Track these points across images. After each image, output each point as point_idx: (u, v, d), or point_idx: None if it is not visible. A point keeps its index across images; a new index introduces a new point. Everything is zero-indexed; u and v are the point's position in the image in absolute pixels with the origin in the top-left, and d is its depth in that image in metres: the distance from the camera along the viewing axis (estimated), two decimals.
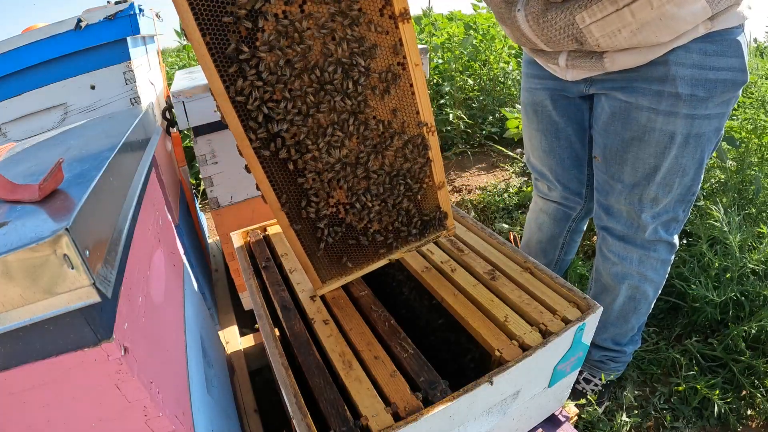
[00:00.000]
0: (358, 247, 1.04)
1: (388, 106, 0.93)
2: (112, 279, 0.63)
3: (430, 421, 0.79)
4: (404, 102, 0.95)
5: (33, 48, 1.28)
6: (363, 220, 1.00)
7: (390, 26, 0.86)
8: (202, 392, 1.03)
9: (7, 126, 1.37)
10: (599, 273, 1.46)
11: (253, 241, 1.34)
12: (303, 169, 0.90)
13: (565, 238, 1.74)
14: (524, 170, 3.19)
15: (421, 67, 0.93)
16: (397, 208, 1.03)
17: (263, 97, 0.81)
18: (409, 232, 1.06)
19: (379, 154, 0.96)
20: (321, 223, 0.96)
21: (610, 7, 0.97)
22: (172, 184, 1.72)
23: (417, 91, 0.94)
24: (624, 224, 1.31)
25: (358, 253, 1.05)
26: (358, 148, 0.93)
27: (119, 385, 0.63)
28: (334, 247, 1.01)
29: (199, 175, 1.79)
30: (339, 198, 0.96)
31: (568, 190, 1.58)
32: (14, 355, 0.57)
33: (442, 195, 1.07)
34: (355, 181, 0.96)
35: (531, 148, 1.59)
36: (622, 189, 1.26)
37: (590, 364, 1.56)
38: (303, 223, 0.95)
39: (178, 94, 1.47)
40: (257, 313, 1.06)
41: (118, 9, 1.32)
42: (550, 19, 1.05)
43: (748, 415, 1.49)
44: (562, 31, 1.06)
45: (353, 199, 0.97)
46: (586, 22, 1.01)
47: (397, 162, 0.99)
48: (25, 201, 0.62)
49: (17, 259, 0.50)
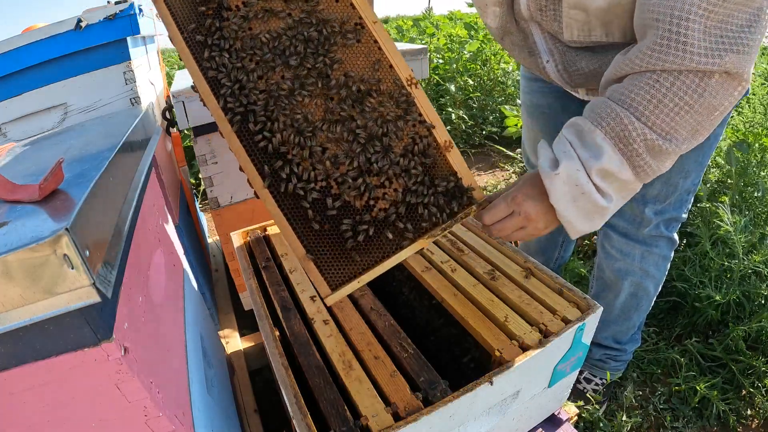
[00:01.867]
0: (363, 235, 0.89)
1: (356, 63, 0.93)
2: (112, 279, 0.63)
3: (430, 421, 0.79)
4: (371, 57, 0.93)
5: (33, 48, 1.28)
6: (363, 195, 0.88)
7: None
8: (202, 392, 1.03)
9: (7, 126, 1.36)
10: (601, 270, 1.47)
11: (253, 241, 1.34)
12: (280, 135, 0.88)
13: (565, 236, 1.73)
14: (524, 170, 3.19)
15: (380, 24, 0.94)
16: (399, 177, 0.89)
17: (229, 63, 0.89)
18: (424, 210, 0.89)
19: (360, 113, 0.91)
20: (307, 200, 0.86)
21: None
22: (172, 184, 1.72)
23: (383, 46, 0.93)
24: (627, 220, 1.32)
25: (367, 243, 0.90)
26: (331, 106, 0.90)
27: (119, 385, 0.63)
28: (333, 235, 0.88)
29: (199, 175, 1.79)
30: (327, 168, 0.88)
31: None
32: (14, 355, 0.57)
33: (453, 158, 0.92)
34: (341, 146, 0.89)
35: (533, 149, 1.57)
36: None
37: (591, 364, 1.56)
38: (289, 202, 0.87)
39: (178, 94, 1.47)
40: (257, 313, 1.06)
41: (118, 9, 1.32)
42: (582, 68, 1.05)
43: (747, 415, 1.49)
44: (590, 78, 1.06)
45: (345, 166, 0.88)
46: None
47: (384, 122, 0.90)
48: (25, 201, 0.62)
49: (17, 259, 0.50)
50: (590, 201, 0.81)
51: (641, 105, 0.78)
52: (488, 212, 0.89)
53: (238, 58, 0.90)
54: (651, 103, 0.77)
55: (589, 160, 0.80)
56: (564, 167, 0.81)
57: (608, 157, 0.79)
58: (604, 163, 0.79)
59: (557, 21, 0.97)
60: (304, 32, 0.92)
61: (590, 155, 0.81)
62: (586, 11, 0.91)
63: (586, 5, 0.90)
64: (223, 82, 0.89)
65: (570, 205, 0.82)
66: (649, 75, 0.77)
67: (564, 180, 0.81)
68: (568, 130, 0.86)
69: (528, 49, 1.13)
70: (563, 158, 0.82)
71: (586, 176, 0.81)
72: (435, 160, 0.92)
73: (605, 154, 0.79)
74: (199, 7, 0.93)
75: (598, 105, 0.83)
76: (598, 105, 0.83)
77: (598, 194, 0.81)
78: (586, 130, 0.82)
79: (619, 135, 0.79)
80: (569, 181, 0.81)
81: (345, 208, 0.88)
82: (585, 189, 0.81)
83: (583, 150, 0.82)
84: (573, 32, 0.97)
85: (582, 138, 0.83)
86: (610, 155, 0.79)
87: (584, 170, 0.81)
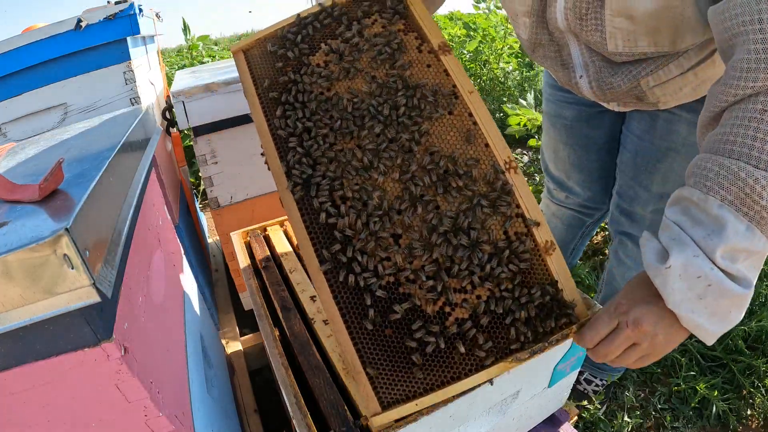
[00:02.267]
0: (432, 347, 0.71)
1: (447, 140, 0.80)
2: (112, 279, 0.63)
3: (430, 421, 0.78)
4: (464, 132, 0.82)
5: (33, 48, 1.28)
6: (438, 299, 0.71)
7: (432, 60, 0.86)
8: (202, 392, 1.03)
9: (7, 126, 1.37)
10: (612, 276, 1.43)
11: (253, 241, 1.34)
12: (347, 219, 0.76)
13: (577, 243, 1.69)
14: (524, 170, 3.19)
15: (477, 94, 0.83)
16: (485, 281, 0.72)
17: (301, 126, 0.83)
18: (511, 327, 0.71)
19: (445, 197, 0.77)
20: (369, 296, 0.72)
21: (676, 71, 0.94)
22: (172, 184, 1.72)
23: (480, 120, 0.81)
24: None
25: (433, 358, 0.71)
26: (410, 186, 0.77)
27: (119, 385, 0.63)
28: (393, 343, 0.71)
29: (199, 174, 1.79)
30: (397, 261, 0.73)
31: (591, 200, 1.53)
32: (14, 355, 0.57)
33: (554, 263, 0.75)
34: (417, 235, 0.74)
35: (555, 159, 1.52)
36: (648, 198, 1.22)
37: (591, 365, 1.56)
38: (347, 295, 0.74)
39: (178, 94, 1.47)
40: (257, 313, 1.06)
41: (118, 9, 1.32)
42: (614, 84, 1.01)
43: (747, 415, 1.49)
44: (625, 94, 1.03)
45: (420, 261, 0.72)
46: (650, 85, 0.98)
47: (473, 211, 0.75)
48: (25, 201, 0.62)
49: (17, 259, 0.50)
50: (721, 293, 0.62)
51: (756, 147, 0.60)
52: (589, 329, 0.71)
53: (312, 120, 0.83)
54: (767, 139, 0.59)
55: (709, 240, 0.62)
56: (676, 257, 0.63)
57: (733, 229, 0.61)
58: (729, 239, 0.61)
59: (599, 31, 0.88)
60: (389, 98, 0.82)
61: (708, 233, 0.62)
62: (632, 18, 0.83)
63: (632, 11, 0.81)
64: (291, 145, 0.82)
65: (696, 305, 0.63)
66: (753, 101, 0.61)
67: (680, 273, 0.63)
68: (672, 210, 0.68)
69: (561, 62, 1.06)
70: (673, 246, 0.64)
71: (708, 262, 0.62)
72: (532, 264, 0.75)
73: (728, 227, 0.61)
74: (277, 63, 0.88)
75: (701, 164, 0.65)
76: (701, 164, 0.65)
77: (729, 281, 0.62)
78: (695, 200, 0.64)
79: (738, 196, 0.60)
80: (688, 275, 0.62)
81: (412, 311, 0.73)
82: (711, 279, 0.62)
83: (698, 228, 0.63)
84: (617, 43, 0.89)
85: (692, 214, 0.65)
86: (735, 225, 0.61)
87: (704, 255, 0.62)
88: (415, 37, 0.88)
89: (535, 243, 0.76)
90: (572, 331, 0.72)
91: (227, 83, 1.52)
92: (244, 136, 1.60)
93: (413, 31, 0.88)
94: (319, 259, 0.75)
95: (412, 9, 0.91)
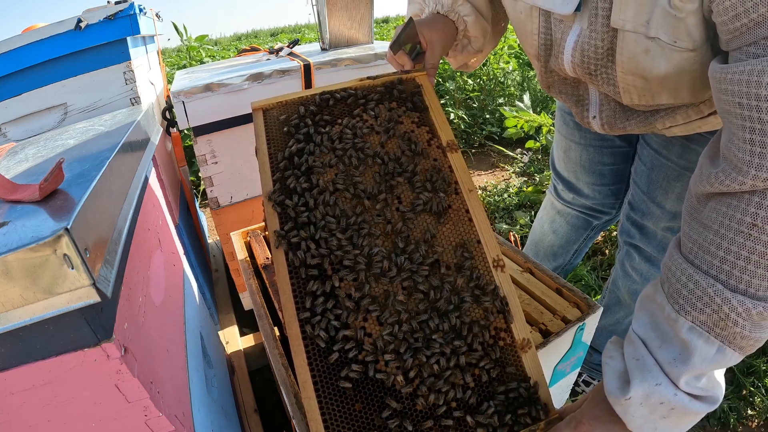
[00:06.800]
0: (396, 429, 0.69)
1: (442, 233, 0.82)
2: (112, 279, 0.63)
3: None
4: (459, 228, 0.83)
5: (33, 48, 1.28)
6: (405, 379, 0.71)
7: (439, 154, 0.88)
8: (202, 392, 1.03)
9: (7, 126, 1.36)
10: (616, 286, 1.41)
11: (253, 241, 1.34)
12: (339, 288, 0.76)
13: (581, 244, 1.66)
14: (524, 170, 3.19)
15: (476, 193, 0.85)
16: (454, 370, 0.72)
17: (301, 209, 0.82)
18: (480, 420, 0.70)
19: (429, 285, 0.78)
20: (336, 347, 0.71)
21: (695, 115, 0.90)
22: (172, 184, 1.72)
23: (475, 218, 0.83)
24: (656, 247, 1.24)
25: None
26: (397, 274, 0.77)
27: (119, 385, 0.63)
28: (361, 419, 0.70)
29: (199, 174, 1.79)
30: (368, 328, 0.74)
31: (600, 204, 1.50)
32: (14, 355, 0.57)
33: (528, 360, 0.76)
34: (398, 315, 0.74)
35: (565, 159, 1.48)
36: (661, 215, 1.19)
37: (590, 367, 1.55)
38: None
39: (178, 94, 1.47)
40: (257, 313, 1.06)
41: (118, 9, 1.32)
42: (627, 128, 0.99)
43: (748, 415, 1.49)
44: (638, 132, 1.00)
45: (389, 337, 0.72)
46: (666, 125, 0.95)
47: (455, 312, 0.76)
48: (25, 201, 0.62)
49: (17, 259, 0.50)
50: (685, 413, 0.59)
51: (737, 266, 0.55)
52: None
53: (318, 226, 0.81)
54: (751, 259, 0.54)
55: (674, 366, 0.59)
56: (636, 388, 0.59)
57: (700, 357, 0.57)
58: (696, 366, 0.57)
59: (612, 85, 0.85)
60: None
61: (673, 357, 0.59)
62: (646, 79, 0.78)
63: (645, 74, 0.76)
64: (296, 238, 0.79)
65: (659, 423, 0.61)
66: (747, 202, 0.54)
67: (641, 402, 0.60)
68: (640, 320, 0.64)
69: (577, 99, 1.04)
70: (636, 374, 0.60)
71: (672, 388, 0.59)
72: (505, 359, 0.76)
73: (696, 353, 0.57)
74: (290, 146, 0.87)
75: (675, 272, 0.61)
76: (675, 272, 0.61)
77: (694, 402, 0.59)
78: (666, 315, 0.61)
79: (712, 319, 0.57)
80: (649, 402, 0.60)
81: (384, 388, 0.72)
82: (674, 404, 0.59)
83: (664, 351, 0.60)
84: (632, 98, 0.86)
85: (661, 329, 0.62)
86: (703, 351, 0.57)
87: (668, 380, 0.59)
88: (426, 131, 0.90)
89: (512, 339, 0.77)
90: (540, 428, 0.71)
91: (227, 83, 1.52)
92: (244, 136, 1.60)
93: (425, 125, 0.91)
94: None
95: (429, 104, 0.93)
